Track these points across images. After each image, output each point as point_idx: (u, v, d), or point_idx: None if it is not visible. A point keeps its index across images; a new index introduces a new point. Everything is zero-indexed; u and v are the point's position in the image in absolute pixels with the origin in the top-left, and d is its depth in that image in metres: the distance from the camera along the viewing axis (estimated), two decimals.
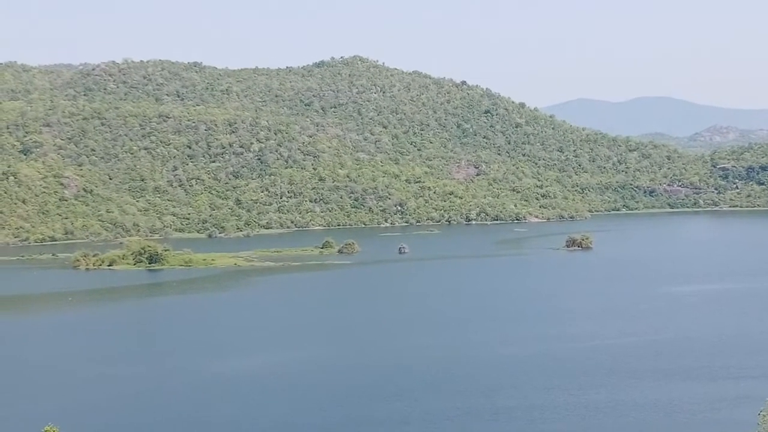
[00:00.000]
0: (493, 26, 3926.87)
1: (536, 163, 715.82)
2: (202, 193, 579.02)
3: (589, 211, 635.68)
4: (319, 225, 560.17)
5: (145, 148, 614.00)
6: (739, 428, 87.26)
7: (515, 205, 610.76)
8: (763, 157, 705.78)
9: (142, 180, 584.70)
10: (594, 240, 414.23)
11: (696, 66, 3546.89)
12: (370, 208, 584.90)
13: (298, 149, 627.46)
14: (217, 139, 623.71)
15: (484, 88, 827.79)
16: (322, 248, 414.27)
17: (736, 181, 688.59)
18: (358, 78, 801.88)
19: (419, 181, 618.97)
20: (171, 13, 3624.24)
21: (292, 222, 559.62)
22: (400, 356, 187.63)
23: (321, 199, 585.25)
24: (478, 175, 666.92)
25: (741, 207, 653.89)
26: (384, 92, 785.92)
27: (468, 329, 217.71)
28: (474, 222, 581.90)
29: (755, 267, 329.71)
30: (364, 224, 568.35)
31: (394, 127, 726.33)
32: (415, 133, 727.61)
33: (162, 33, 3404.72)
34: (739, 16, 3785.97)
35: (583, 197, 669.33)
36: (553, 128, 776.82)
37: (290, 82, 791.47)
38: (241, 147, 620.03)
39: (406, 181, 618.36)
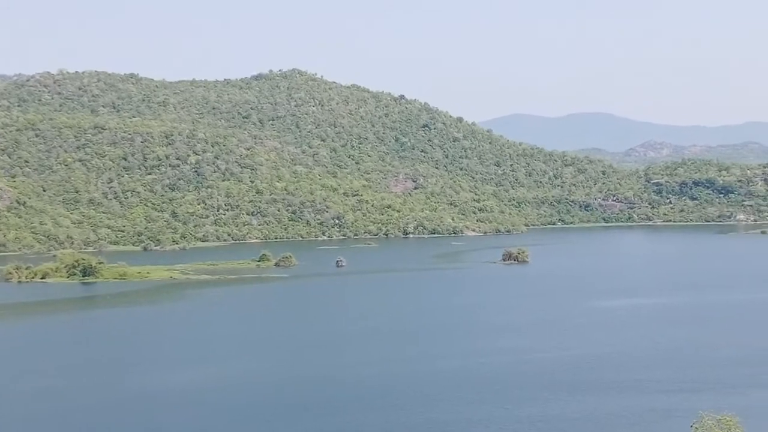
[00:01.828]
0: (432, 41, 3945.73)
1: (473, 177, 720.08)
2: (137, 206, 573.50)
3: (526, 225, 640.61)
4: (257, 238, 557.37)
5: (80, 160, 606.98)
6: None
7: (453, 219, 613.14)
8: (695, 173, 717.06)
9: (77, 192, 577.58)
10: (530, 254, 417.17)
11: (631, 83, 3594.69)
12: (308, 221, 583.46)
13: (236, 162, 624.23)
14: (153, 151, 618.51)
15: (422, 102, 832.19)
16: (259, 261, 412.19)
17: (670, 196, 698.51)
18: (297, 91, 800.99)
19: (357, 195, 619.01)
20: (107, 23, 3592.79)
21: (228, 235, 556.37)
22: (335, 370, 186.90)
23: (258, 212, 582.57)
24: (415, 188, 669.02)
25: (674, 222, 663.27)
26: (322, 105, 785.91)
27: (404, 343, 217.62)
28: (411, 235, 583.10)
29: (687, 281, 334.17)
30: (302, 237, 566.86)
31: (332, 141, 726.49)
32: (353, 147, 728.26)
33: (98, 44, 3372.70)
34: (673, 33, 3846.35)
35: (519, 211, 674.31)
36: (490, 143, 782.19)
37: (228, 94, 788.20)
38: (177, 159, 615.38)
39: (344, 194, 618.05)
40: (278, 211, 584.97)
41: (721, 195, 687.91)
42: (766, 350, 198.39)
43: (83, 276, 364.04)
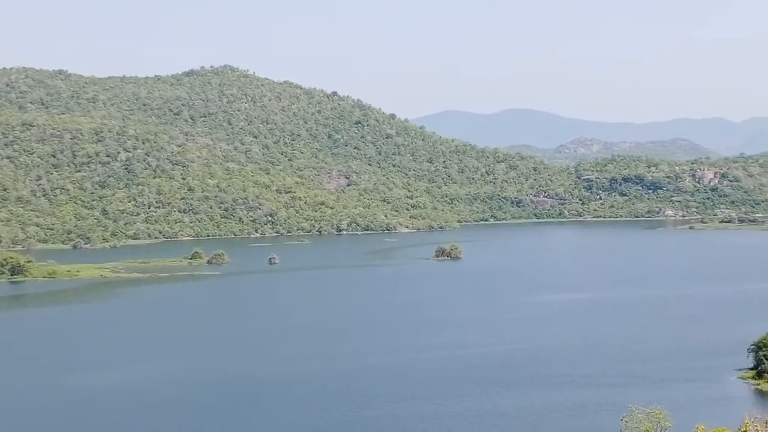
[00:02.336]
0: (365, 37, 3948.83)
1: (406, 174, 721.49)
2: (67, 203, 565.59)
3: (458, 221, 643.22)
4: (188, 235, 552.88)
5: (8, 157, 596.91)
6: None
7: (386, 216, 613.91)
8: (625, 169, 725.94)
9: (5, 190, 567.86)
10: (463, 250, 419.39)
11: (562, 80, 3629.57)
12: (241, 218, 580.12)
13: (167, 159, 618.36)
14: (82, 148, 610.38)
15: (355, 99, 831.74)
16: (190, 259, 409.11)
17: (600, 192, 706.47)
18: (229, 87, 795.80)
19: (290, 192, 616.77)
20: (35, 19, 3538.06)
21: (160, 232, 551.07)
22: (268, 368, 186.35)
23: (190, 210, 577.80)
24: (349, 185, 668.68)
25: (604, 217, 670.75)
26: (255, 102, 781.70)
27: (338, 339, 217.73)
28: (345, 232, 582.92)
29: (617, 277, 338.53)
30: (234, 234, 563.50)
31: (265, 137, 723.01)
32: (285, 143, 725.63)
33: (26, 40, 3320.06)
34: (602, 32, 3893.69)
35: (452, 208, 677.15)
36: (423, 139, 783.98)
37: (159, 90, 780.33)
38: (107, 156, 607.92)
39: (277, 191, 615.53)
40: (210, 208, 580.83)
41: (650, 191, 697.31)
42: (694, 344, 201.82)
43: (11, 275, 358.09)
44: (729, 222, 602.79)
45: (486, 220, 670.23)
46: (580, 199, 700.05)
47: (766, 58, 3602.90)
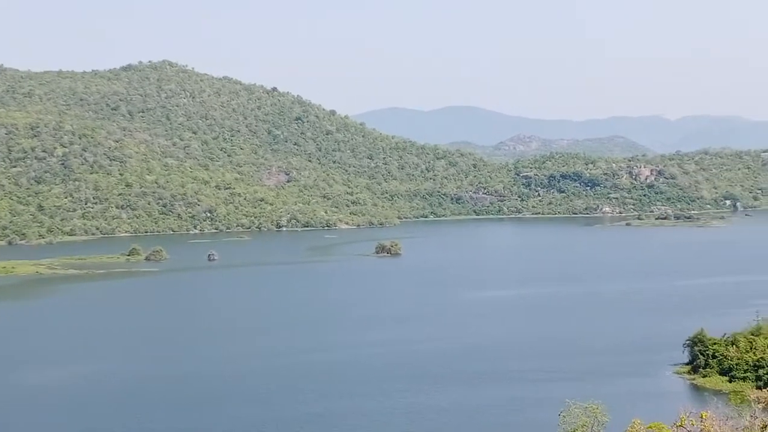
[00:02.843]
0: (304, 33, 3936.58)
1: (347, 171, 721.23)
2: (2, 199, 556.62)
3: (398, 217, 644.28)
4: (126, 232, 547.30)
5: None
6: (541, 429, 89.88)
7: (326, 212, 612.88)
8: (563, 166, 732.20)
9: None
10: (403, 246, 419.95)
11: (501, 77, 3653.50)
12: (179, 214, 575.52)
13: (104, 154, 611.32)
14: (18, 144, 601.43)
15: (295, 95, 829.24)
16: (128, 255, 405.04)
17: (538, 189, 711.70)
18: (167, 83, 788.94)
19: (229, 188, 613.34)
20: None
21: (97, 228, 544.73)
22: (206, 365, 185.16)
23: (128, 205, 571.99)
24: (288, 181, 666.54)
25: (543, 214, 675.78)
26: (193, 97, 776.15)
27: (277, 337, 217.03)
28: (285, 228, 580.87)
29: (555, 273, 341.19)
30: (173, 231, 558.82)
31: (204, 133, 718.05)
32: (225, 139, 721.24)
33: None
34: (541, 28, 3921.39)
35: (392, 204, 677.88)
36: (363, 136, 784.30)
37: (96, 85, 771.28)
38: (43, 152, 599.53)
39: (216, 187, 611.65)
40: (148, 204, 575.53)
41: (588, 188, 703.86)
42: (630, 339, 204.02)
43: None
44: (665, 219, 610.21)
45: (426, 217, 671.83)
46: (519, 196, 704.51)
47: (697, 54, 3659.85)
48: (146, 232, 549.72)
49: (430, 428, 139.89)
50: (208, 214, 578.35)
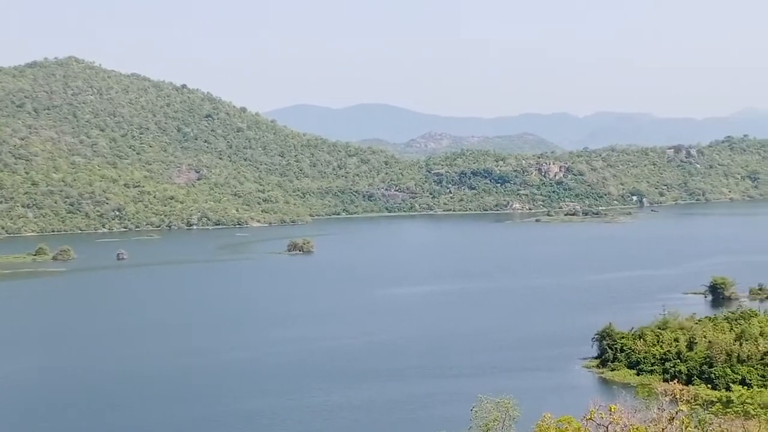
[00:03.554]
0: (214, 28, 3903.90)
1: (258, 168, 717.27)
2: None
3: (310, 215, 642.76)
4: (32, 231, 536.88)
5: None
6: (453, 424, 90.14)
7: (237, 210, 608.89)
8: (474, 163, 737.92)
9: None
10: (315, 244, 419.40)
11: (411, 74, 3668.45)
12: (87, 213, 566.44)
13: (9, 152, 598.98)
14: None
15: (205, 91, 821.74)
16: (35, 255, 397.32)
17: (450, 186, 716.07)
18: (74, 79, 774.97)
19: (138, 186, 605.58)
20: None
21: (2, 228, 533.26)
22: (116, 365, 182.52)
23: (34, 204, 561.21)
24: (199, 179, 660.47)
25: (454, 211, 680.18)
26: (101, 94, 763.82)
27: (188, 336, 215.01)
28: (195, 227, 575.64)
29: (466, 269, 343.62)
30: (81, 230, 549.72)
31: (112, 131, 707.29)
32: (134, 137, 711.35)
33: None
34: (448, 28, 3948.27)
35: (304, 202, 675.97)
36: (274, 133, 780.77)
37: (0, 82, 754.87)
38: None
39: (125, 185, 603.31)
40: (55, 203, 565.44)
41: (498, 184, 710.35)
42: (541, 334, 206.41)
43: None
44: (573, 215, 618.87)
45: (338, 214, 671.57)
46: (430, 193, 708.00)
47: (606, 53, 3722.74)
48: (53, 231, 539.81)
49: (342, 425, 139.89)
50: (117, 213, 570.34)
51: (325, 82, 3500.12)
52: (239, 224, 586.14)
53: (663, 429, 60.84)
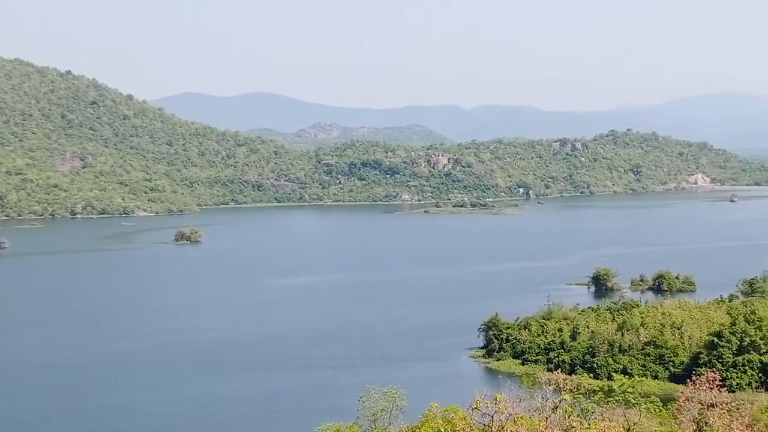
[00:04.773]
0: (99, 14, 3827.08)
1: (145, 157, 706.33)
2: None
3: (198, 205, 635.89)
4: None
5: None
6: (342, 414, 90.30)
7: (123, 199, 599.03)
8: (363, 154, 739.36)
9: None
10: (203, 234, 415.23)
11: (301, 64, 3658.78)
12: None
13: None
14: None
15: (90, 78, 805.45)
16: None
17: (339, 176, 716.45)
18: None
19: (21, 173, 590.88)
20: None
21: None
22: None
23: None
24: (84, 167, 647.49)
25: (344, 201, 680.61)
26: None
27: (71, 327, 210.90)
28: (80, 216, 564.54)
29: (356, 260, 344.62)
30: None
31: None
32: (16, 123, 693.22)
33: None
34: (338, 19, 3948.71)
35: (192, 191, 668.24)
36: (161, 121, 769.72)
37: None
38: None
39: (6, 173, 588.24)
40: None
41: (388, 176, 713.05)
42: (428, 324, 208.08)
43: None
44: (462, 206, 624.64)
45: (227, 204, 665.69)
46: (320, 184, 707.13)
47: (493, 45, 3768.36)
48: None
49: (230, 416, 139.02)
50: None
51: (214, 71, 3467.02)
52: (125, 213, 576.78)
53: (547, 418, 61.85)
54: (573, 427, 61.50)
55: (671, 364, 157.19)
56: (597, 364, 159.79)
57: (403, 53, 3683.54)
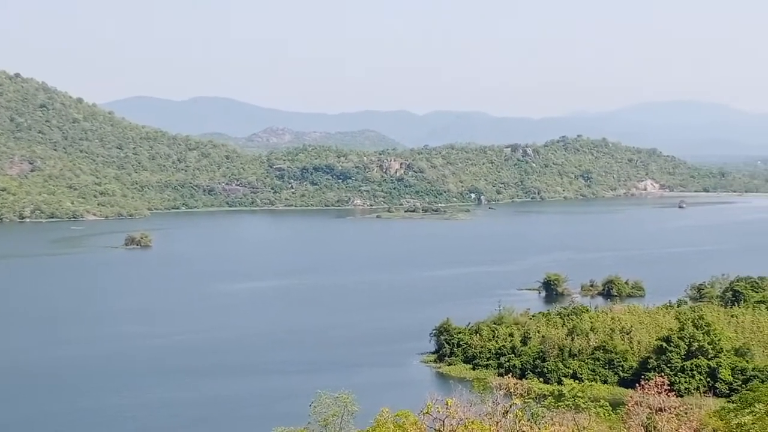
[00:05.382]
0: (51, 17, 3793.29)
1: (94, 160, 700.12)
2: None
3: (149, 209, 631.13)
4: None
5: None
6: (292, 420, 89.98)
7: (72, 203, 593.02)
8: (316, 159, 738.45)
9: None
10: (153, 238, 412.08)
11: (253, 68, 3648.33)
12: None
13: None
14: None
15: (39, 81, 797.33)
16: None
17: (291, 181, 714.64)
18: None
19: None
20: None
21: None
22: None
23: None
24: (32, 171, 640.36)
25: (296, 206, 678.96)
26: None
27: (16, 332, 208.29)
28: (28, 220, 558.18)
29: (307, 264, 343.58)
30: None
31: None
32: None
33: None
34: (287, 26, 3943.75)
35: (142, 195, 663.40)
36: (112, 125, 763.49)
37: None
38: None
39: None
40: None
41: (340, 180, 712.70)
42: (380, 329, 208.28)
43: None
44: (414, 211, 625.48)
45: (177, 208, 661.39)
46: (272, 188, 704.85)
47: (446, 53, 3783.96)
48: None
49: (182, 422, 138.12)
50: None
51: (165, 74, 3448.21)
52: (74, 217, 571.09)
53: (497, 422, 62.14)
54: (523, 431, 61.82)
55: (620, 368, 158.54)
56: (547, 368, 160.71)
57: (357, 61, 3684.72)
